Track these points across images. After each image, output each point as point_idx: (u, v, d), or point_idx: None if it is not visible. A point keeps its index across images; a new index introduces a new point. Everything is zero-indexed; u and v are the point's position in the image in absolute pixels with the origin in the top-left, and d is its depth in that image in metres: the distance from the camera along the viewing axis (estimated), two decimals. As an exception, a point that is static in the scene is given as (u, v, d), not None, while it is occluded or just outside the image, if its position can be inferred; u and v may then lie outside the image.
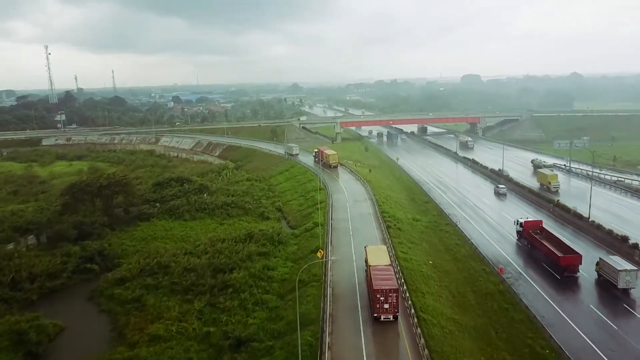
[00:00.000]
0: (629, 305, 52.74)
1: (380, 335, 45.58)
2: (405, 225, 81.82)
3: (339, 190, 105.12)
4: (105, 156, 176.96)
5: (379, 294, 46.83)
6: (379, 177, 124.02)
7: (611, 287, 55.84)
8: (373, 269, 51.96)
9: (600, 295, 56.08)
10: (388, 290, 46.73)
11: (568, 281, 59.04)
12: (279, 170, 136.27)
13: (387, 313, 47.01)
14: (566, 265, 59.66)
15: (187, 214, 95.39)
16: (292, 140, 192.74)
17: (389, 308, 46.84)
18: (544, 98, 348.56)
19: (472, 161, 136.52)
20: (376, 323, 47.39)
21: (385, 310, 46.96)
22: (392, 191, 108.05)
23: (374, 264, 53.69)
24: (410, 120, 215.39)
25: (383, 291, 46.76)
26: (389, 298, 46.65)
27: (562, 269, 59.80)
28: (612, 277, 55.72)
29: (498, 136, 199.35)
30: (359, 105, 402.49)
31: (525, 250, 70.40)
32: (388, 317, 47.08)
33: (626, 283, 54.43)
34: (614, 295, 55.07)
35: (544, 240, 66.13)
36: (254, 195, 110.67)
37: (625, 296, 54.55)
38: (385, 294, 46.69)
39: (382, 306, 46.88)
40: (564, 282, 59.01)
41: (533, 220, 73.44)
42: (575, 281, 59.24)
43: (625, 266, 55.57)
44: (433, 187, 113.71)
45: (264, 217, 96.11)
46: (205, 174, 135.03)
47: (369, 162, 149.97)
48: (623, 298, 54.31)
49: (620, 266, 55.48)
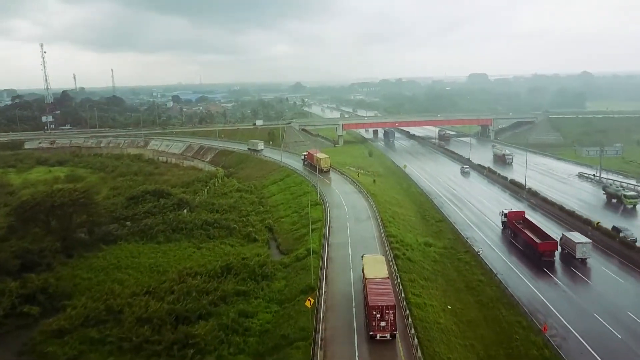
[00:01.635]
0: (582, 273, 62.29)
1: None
2: (417, 253, 68.15)
3: (339, 205, 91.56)
4: (89, 161, 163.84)
5: (375, 310, 43.96)
6: (384, 188, 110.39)
7: (571, 258, 64.88)
8: (369, 283, 49.10)
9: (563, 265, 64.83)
10: (385, 307, 43.90)
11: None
12: (273, 179, 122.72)
13: (383, 331, 44.08)
14: (543, 251, 64.92)
15: (161, 235, 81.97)
16: (290, 143, 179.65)
17: (386, 326, 43.96)
18: (556, 98, 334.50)
19: (488, 169, 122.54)
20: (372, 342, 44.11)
21: (382, 328, 43.98)
22: (400, 206, 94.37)
23: (370, 276, 50.54)
24: (417, 122, 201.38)
25: (379, 308, 43.90)
26: (386, 315, 43.82)
27: (540, 254, 65.04)
28: (572, 249, 64.97)
29: (511, 139, 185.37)
30: (364, 105, 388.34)
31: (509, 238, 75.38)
32: (385, 336, 44.11)
33: (582, 253, 64.01)
34: (573, 264, 64.22)
35: (525, 229, 71.09)
36: (242, 210, 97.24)
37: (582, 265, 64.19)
38: (382, 311, 43.81)
39: (378, 324, 43.95)
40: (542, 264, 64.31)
41: (516, 211, 78.11)
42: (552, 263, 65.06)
43: (582, 239, 65.10)
44: (446, 201, 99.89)
45: (251, 238, 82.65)
46: (191, 183, 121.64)
47: (373, 169, 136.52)
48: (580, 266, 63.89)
49: (578, 239, 65.08)
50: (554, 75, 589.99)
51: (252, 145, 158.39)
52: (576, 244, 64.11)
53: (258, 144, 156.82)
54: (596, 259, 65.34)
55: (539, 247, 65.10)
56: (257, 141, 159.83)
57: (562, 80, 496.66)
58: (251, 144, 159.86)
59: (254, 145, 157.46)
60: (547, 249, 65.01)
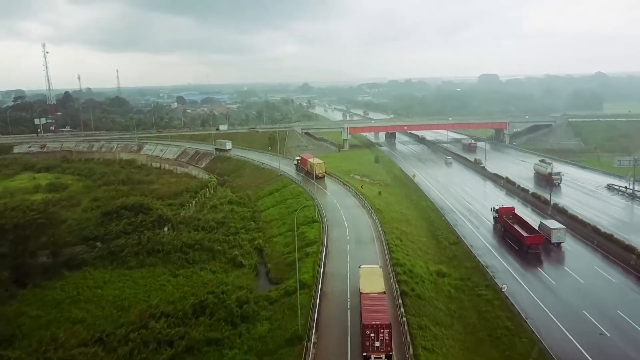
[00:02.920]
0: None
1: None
2: (428, 288, 57.15)
3: (339, 224, 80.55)
4: (77, 167, 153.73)
5: (369, 329, 41.04)
6: (391, 201, 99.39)
7: (547, 242, 70.08)
8: (364, 298, 46.39)
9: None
10: (379, 326, 40.90)
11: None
12: (269, 189, 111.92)
13: (378, 352, 40.83)
14: (530, 244, 68.36)
15: (134, 259, 71.39)
16: (292, 148, 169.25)
17: (381, 346, 40.76)
18: (571, 100, 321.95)
19: (506, 180, 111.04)
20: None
21: (376, 348, 40.79)
22: (408, 224, 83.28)
23: (365, 291, 47.71)
24: (428, 126, 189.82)
25: (373, 327, 40.94)
26: (380, 334, 40.73)
27: (527, 247, 68.42)
28: (548, 234, 70.29)
29: (528, 144, 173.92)
30: (371, 106, 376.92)
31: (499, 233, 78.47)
32: (380, 357, 40.87)
33: (557, 238, 70.14)
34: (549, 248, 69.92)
35: (515, 224, 73.89)
36: (230, 227, 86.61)
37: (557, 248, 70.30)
38: (376, 330, 40.82)
39: (372, 344, 40.84)
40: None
41: (506, 207, 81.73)
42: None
43: (557, 226, 71.55)
44: (461, 217, 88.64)
45: (236, 263, 71.82)
46: (179, 194, 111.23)
47: (379, 177, 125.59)
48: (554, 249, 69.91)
49: (554, 225, 71.53)
50: (566, 75, 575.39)
51: (220, 145, 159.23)
52: (551, 229, 70.72)
53: (226, 144, 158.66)
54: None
55: (526, 240, 68.80)
56: (225, 141, 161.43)
57: (575, 81, 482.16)
58: (218, 143, 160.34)
59: (221, 145, 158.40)
60: (534, 242, 68.65)
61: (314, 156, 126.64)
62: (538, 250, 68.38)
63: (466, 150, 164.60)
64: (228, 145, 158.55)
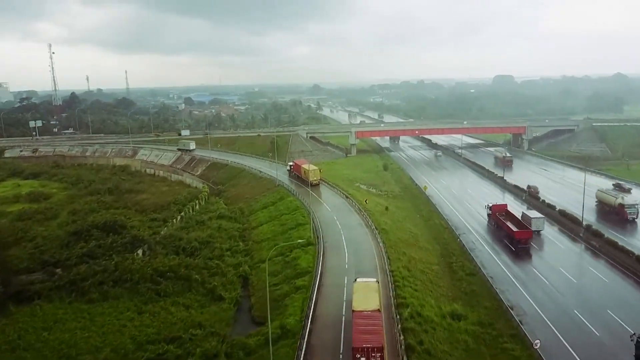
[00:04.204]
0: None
1: None
2: (440, 337, 46.28)
3: (337, 247, 69.85)
4: (66, 174, 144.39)
5: (360, 353, 37.02)
6: (399, 217, 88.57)
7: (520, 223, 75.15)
8: (357, 316, 42.53)
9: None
10: (371, 349, 36.91)
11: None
12: (264, 202, 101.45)
13: None
14: (519, 239, 71.05)
15: (96, 291, 61.12)
16: (296, 154, 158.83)
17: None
18: (591, 102, 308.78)
19: (528, 193, 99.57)
20: None
21: None
22: (418, 248, 72.41)
23: (359, 308, 43.76)
24: (441, 130, 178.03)
25: (364, 350, 36.98)
26: (372, 359, 36.54)
27: (517, 242, 71.13)
28: (528, 223, 75.78)
29: (548, 150, 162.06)
30: (382, 108, 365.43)
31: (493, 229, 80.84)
32: None
33: (536, 226, 76.39)
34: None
35: (507, 220, 76.26)
36: (215, 248, 76.26)
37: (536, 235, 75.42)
38: (367, 354, 36.79)
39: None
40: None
41: (500, 204, 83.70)
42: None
43: (536, 215, 79.58)
44: (478, 239, 77.55)
45: (215, 296, 61.43)
46: (166, 206, 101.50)
47: (387, 187, 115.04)
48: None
49: (534, 215, 79.38)
50: (584, 76, 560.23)
51: (183, 145, 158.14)
52: (531, 218, 77.33)
53: (190, 144, 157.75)
54: None
55: (516, 235, 71.66)
56: (188, 141, 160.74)
57: (594, 83, 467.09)
58: (181, 144, 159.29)
59: (184, 145, 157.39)
60: (523, 236, 71.56)
61: (309, 162, 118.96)
62: (527, 245, 71.51)
63: (499, 164, 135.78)
64: (192, 146, 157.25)
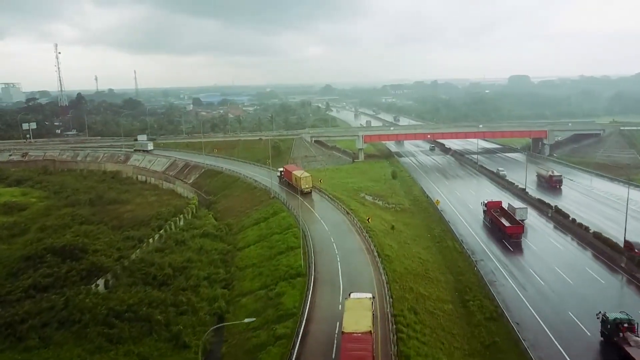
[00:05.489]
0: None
1: None
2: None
3: (331, 281, 58.37)
4: (51, 181, 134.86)
5: None
6: (406, 237, 77.06)
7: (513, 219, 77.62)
8: (346, 340, 38.71)
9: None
10: None
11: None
12: (255, 217, 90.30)
13: None
14: (511, 233, 74.83)
15: (36, 335, 50.50)
16: (299, 159, 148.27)
17: None
18: (613, 103, 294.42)
19: (555, 210, 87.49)
20: None
21: None
22: (427, 280, 60.79)
23: (348, 330, 39.49)
24: (455, 135, 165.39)
25: None
26: None
27: (509, 236, 74.82)
28: (512, 213, 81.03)
29: (571, 156, 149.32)
30: (394, 109, 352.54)
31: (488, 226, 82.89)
32: None
33: (520, 216, 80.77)
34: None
35: (500, 217, 79.97)
36: (192, 275, 65.40)
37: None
38: None
39: None
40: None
41: (495, 202, 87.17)
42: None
43: (520, 205, 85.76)
44: (498, 268, 65.74)
45: (179, 343, 50.58)
46: (147, 221, 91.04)
47: (395, 199, 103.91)
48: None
49: (517, 205, 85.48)
50: (603, 77, 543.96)
51: (139, 146, 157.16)
52: (515, 209, 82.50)
53: (148, 144, 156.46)
54: None
55: (507, 230, 75.01)
56: (146, 141, 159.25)
57: (614, 83, 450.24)
58: (138, 145, 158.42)
59: (141, 146, 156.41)
60: (514, 231, 74.76)
61: (301, 168, 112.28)
62: (519, 240, 74.49)
63: (544, 185, 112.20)
64: (150, 146, 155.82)
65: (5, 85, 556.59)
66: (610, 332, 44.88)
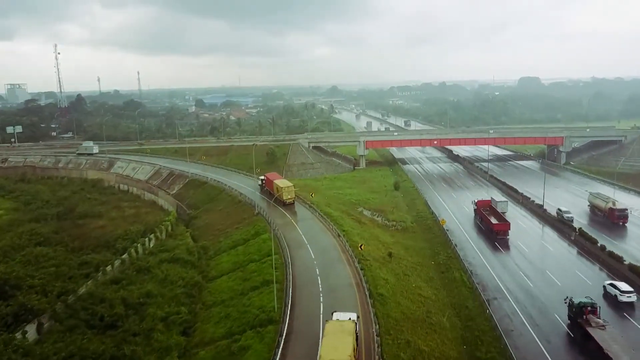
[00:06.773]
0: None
1: None
2: None
3: (310, 332, 46.82)
4: (25, 190, 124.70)
5: None
6: (404, 269, 65.51)
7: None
8: None
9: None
10: None
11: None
12: (235, 238, 79.03)
13: None
14: (498, 230, 77.49)
15: None
16: (295, 166, 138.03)
17: None
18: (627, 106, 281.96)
19: (578, 232, 75.85)
20: None
21: None
22: (428, 328, 49.30)
23: (326, 358, 34.71)
24: (463, 141, 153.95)
25: None
26: None
27: (496, 233, 77.50)
28: (495, 206, 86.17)
29: (589, 164, 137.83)
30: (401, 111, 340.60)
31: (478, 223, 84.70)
32: None
33: (501, 209, 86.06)
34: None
35: (489, 215, 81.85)
36: (148, 315, 54.48)
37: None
38: None
39: None
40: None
41: (484, 200, 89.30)
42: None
43: (501, 199, 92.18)
44: (516, 310, 54.16)
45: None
46: (112, 244, 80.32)
47: (397, 215, 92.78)
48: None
49: (498, 199, 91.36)
50: (616, 78, 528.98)
51: (84, 149, 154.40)
52: (497, 202, 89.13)
53: (93, 148, 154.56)
54: None
55: (494, 227, 78.26)
56: (91, 145, 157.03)
57: (628, 85, 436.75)
58: (82, 148, 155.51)
59: (86, 150, 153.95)
60: (501, 229, 77.88)
61: (282, 177, 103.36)
62: (506, 237, 76.92)
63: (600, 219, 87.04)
64: (95, 150, 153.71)
65: (11, 86, 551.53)
66: (575, 314, 48.44)
